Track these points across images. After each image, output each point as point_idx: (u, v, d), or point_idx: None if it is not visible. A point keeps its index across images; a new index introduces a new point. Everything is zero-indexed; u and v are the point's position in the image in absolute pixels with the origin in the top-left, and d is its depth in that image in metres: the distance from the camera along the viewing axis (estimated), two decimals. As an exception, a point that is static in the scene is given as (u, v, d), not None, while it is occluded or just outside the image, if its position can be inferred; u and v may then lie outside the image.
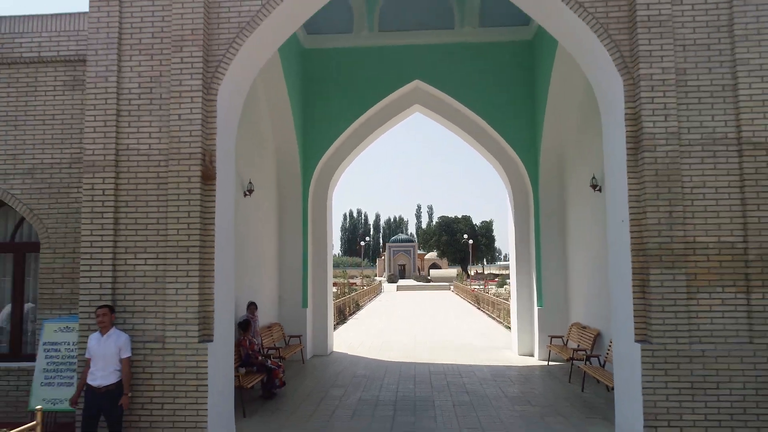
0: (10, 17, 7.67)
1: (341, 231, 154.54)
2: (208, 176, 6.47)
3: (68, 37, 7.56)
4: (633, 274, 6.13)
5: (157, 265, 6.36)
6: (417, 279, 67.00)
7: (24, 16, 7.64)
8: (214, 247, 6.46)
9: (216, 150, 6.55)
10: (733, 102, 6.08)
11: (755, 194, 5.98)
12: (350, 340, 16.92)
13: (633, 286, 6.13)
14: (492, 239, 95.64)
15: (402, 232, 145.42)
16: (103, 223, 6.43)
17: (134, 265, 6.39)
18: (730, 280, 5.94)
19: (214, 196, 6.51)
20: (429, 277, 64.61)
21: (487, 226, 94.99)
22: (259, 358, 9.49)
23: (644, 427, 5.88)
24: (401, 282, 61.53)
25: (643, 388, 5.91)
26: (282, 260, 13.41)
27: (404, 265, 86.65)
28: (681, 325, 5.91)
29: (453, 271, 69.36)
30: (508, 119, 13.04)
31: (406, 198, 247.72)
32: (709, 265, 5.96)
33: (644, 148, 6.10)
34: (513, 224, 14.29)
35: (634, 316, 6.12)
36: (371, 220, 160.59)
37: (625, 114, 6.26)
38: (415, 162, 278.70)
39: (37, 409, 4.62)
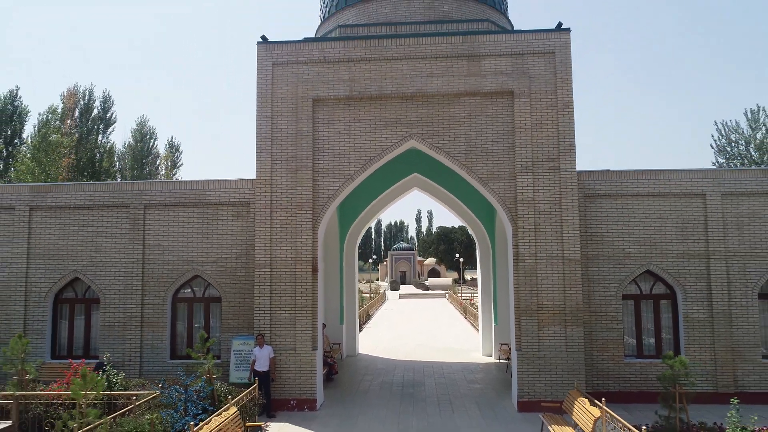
0: (205, 180, 14.68)
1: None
2: (314, 270, 13.48)
3: (236, 192, 14.57)
4: (515, 318, 13.14)
5: (290, 313, 13.35)
6: (417, 286, 73.87)
7: (212, 180, 14.64)
8: (317, 304, 13.46)
9: (317, 257, 13.57)
10: (559, 238, 13.07)
11: (571, 282, 12.96)
12: (369, 344, 23.91)
13: (515, 323, 13.13)
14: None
15: (403, 236, 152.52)
16: (265, 293, 13.44)
17: (279, 313, 13.39)
18: (557, 322, 12.94)
19: (317, 279, 13.53)
20: (427, 285, 71.46)
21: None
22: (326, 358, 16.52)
23: (517, 390, 12.89)
24: (403, 289, 68.39)
25: (518, 372, 12.91)
26: (327, 294, 20.38)
27: (405, 272, 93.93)
28: (534, 343, 12.91)
29: (449, 280, 76.17)
30: (476, 202, 19.95)
31: (406, 203, 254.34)
32: (547, 315, 12.96)
33: (520, 259, 13.10)
34: (479, 265, 21.32)
35: (516, 339, 13.12)
36: (373, 224, 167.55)
37: (512, 242, 13.26)
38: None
39: (232, 383, 11.62)
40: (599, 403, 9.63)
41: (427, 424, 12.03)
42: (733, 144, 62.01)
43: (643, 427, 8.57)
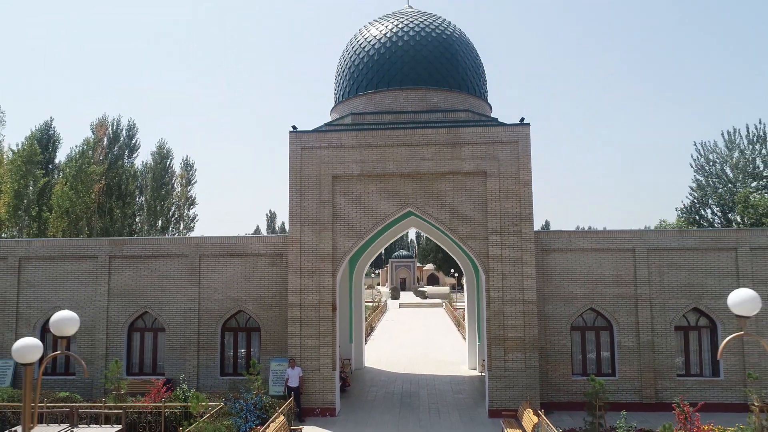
0: (248, 236, 18.77)
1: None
2: (333, 309, 17.58)
3: (271, 245, 18.67)
4: (487, 345, 17.23)
5: (315, 341, 17.43)
6: (416, 293, 77.98)
7: (253, 237, 18.73)
8: (336, 334, 17.55)
9: (336, 299, 17.66)
10: (521, 285, 17.14)
11: (529, 319, 17.03)
12: (373, 357, 27.98)
13: (487, 350, 17.22)
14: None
15: (403, 240, 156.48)
16: (296, 326, 17.51)
17: (307, 341, 17.47)
18: (518, 349, 17.01)
19: (337, 316, 17.62)
20: (426, 293, 75.56)
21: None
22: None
23: (488, 400, 16.97)
24: (403, 297, 72.50)
25: (489, 387, 17.00)
26: (339, 317, 24.40)
27: (405, 278, 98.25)
28: (501, 365, 16.99)
29: (447, 288, 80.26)
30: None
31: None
32: (511, 344, 17.03)
33: (491, 301, 17.19)
34: (466, 291, 25.42)
35: (487, 361, 17.21)
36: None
37: (485, 288, 17.33)
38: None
39: (272, 395, 15.74)
40: (540, 413, 13.72)
41: (419, 427, 16.11)
42: (710, 163, 66.38)
43: (576, 429, 12.64)
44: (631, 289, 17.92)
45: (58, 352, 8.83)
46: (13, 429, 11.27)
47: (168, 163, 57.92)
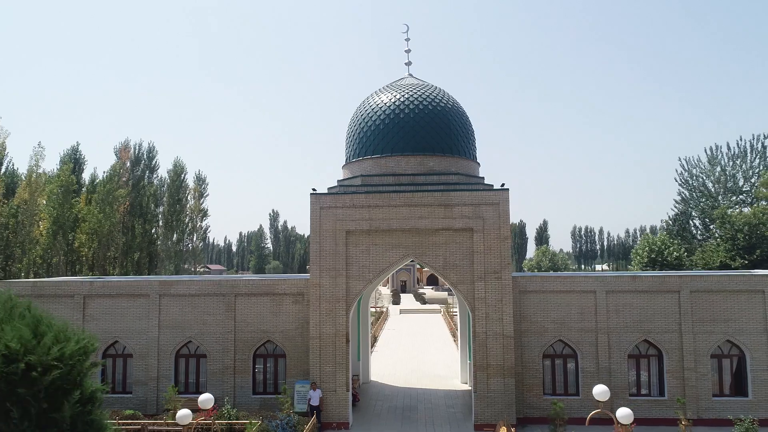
0: (275, 278, 22.51)
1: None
2: (347, 341, 21.36)
3: (295, 286, 22.43)
4: (473, 371, 21.01)
5: (332, 368, 21.21)
6: (416, 297, 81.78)
7: (279, 278, 22.47)
8: (349, 362, 21.34)
9: (348, 332, 21.44)
10: (501, 322, 20.91)
11: (507, 350, 20.80)
12: (377, 370, 31.77)
13: (473, 375, 21.00)
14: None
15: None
16: (316, 355, 21.29)
17: (325, 367, 21.24)
18: (498, 375, 20.78)
19: (349, 346, 21.41)
20: (425, 298, 79.40)
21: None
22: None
23: (474, 416, 20.78)
24: (403, 302, 76.35)
25: (474, 405, 20.81)
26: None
27: (405, 281, 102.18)
28: (484, 387, 20.78)
29: (444, 294, 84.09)
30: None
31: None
32: (493, 370, 20.80)
33: (477, 335, 20.96)
34: (459, 316, 29.18)
35: (473, 384, 21.01)
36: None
37: (472, 324, 21.11)
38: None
39: (294, 411, 19.55)
40: (511, 430, 17.51)
41: (417, 438, 19.96)
42: (694, 177, 70.15)
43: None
44: (592, 323, 21.69)
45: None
46: None
47: (182, 177, 61.65)
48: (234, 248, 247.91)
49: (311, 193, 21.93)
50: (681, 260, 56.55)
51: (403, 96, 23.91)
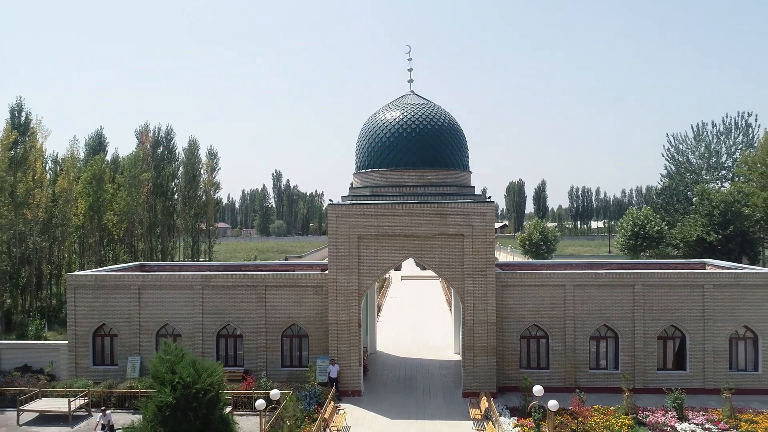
0: (300, 273, 26.95)
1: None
2: (359, 326, 26.01)
3: (315, 279, 26.91)
4: (462, 351, 25.75)
5: (347, 347, 25.93)
6: (416, 263, 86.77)
7: (302, 274, 26.92)
8: (360, 342, 26.07)
9: (360, 318, 26.07)
10: (485, 311, 25.48)
11: (490, 334, 25.46)
12: (382, 340, 36.68)
13: (462, 354, 25.74)
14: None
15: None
16: (334, 336, 25.98)
17: (341, 347, 25.95)
18: (483, 354, 25.51)
19: (360, 329, 26.08)
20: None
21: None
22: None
23: (463, 386, 25.66)
24: (404, 269, 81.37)
25: (463, 378, 25.65)
26: (357, 316, 32.95)
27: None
28: (471, 364, 25.55)
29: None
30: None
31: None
32: (478, 350, 25.51)
33: (465, 322, 25.59)
34: (453, 298, 33.85)
35: (462, 361, 25.79)
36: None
37: (462, 313, 25.71)
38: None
39: (318, 382, 24.43)
40: (490, 399, 22.33)
41: (414, 401, 24.87)
42: (680, 153, 74.01)
43: (517, 406, 21.23)
44: (561, 311, 26.27)
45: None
46: None
47: (196, 154, 65.45)
48: (237, 205, 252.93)
49: (329, 204, 26.12)
50: (662, 233, 61.01)
51: (405, 116, 27.72)
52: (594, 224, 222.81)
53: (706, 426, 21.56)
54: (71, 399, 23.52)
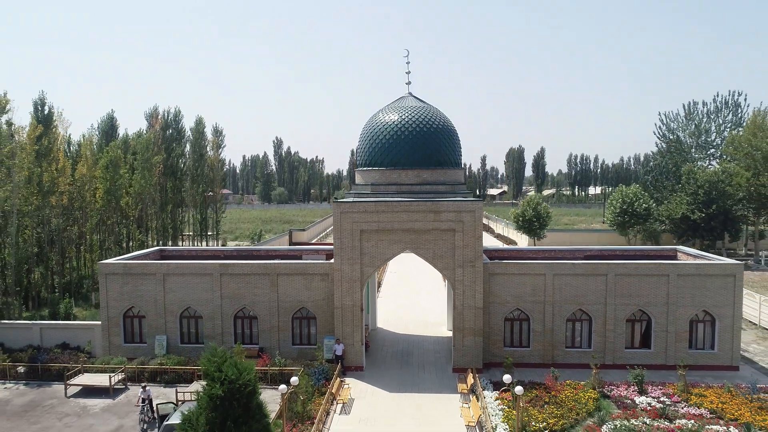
0: (308, 262, 30.03)
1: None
2: (362, 310, 29.23)
3: (322, 268, 29.99)
4: (453, 332, 29.11)
5: (351, 328, 29.23)
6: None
7: (311, 263, 29.99)
8: (362, 324, 29.34)
9: (363, 303, 29.27)
10: (473, 297, 28.65)
11: (477, 317, 28.70)
12: (382, 316, 40.07)
13: (453, 334, 29.08)
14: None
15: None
16: (339, 319, 29.24)
17: (346, 328, 29.25)
18: (471, 334, 28.81)
19: (362, 313, 29.33)
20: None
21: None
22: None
23: (453, 362, 29.08)
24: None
25: (453, 355, 29.04)
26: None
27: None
28: (461, 343, 28.89)
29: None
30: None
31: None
32: (467, 331, 28.78)
33: (456, 306, 28.81)
34: (447, 288, 37.07)
35: (453, 340, 29.14)
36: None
37: (453, 298, 28.89)
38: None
39: (325, 359, 27.83)
40: (476, 376, 25.73)
41: (410, 376, 28.34)
42: (671, 132, 76.31)
43: (500, 380, 24.63)
44: (541, 297, 29.45)
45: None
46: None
47: (202, 132, 67.77)
48: (238, 171, 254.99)
49: (334, 201, 28.95)
50: (650, 211, 63.94)
51: (402, 119, 30.27)
52: (592, 190, 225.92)
53: (661, 399, 24.97)
54: (111, 375, 26.94)
